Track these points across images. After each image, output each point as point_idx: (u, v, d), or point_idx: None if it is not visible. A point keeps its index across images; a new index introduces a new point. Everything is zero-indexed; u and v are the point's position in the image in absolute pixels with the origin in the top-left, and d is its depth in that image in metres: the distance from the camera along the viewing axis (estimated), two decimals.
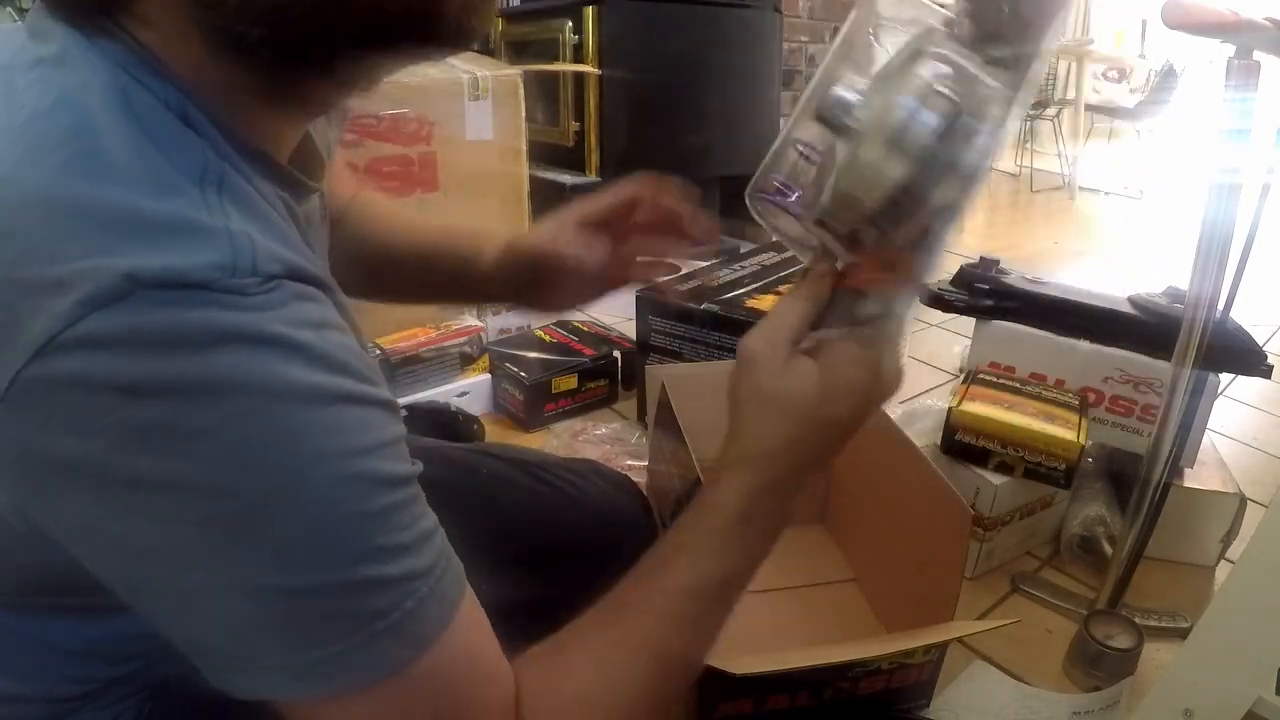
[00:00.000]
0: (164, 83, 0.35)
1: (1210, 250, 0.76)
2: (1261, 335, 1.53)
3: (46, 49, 0.35)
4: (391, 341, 1.34)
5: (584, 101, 2.12)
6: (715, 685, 0.68)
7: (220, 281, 0.31)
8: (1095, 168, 3.99)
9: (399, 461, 0.37)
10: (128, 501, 0.32)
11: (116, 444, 0.30)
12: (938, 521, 0.77)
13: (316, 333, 0.34)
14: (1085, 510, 1.04)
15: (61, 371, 0.30)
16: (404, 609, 0.35)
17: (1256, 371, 0.98)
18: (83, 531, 0.34)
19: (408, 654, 0.36)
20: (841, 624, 0.91)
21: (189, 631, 0.35)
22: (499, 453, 0.82)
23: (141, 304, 0.30)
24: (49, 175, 0.31)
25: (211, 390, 0.31)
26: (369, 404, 0.35)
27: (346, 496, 0.34)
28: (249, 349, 0.31)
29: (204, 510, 0.32)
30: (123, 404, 0.30)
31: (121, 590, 0.35)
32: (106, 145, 0.32)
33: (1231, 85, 0.71)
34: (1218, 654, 0.59)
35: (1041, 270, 1.43)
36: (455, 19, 0.36)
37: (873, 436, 0.93)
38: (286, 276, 0.34)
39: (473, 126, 1.48)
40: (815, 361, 0.44)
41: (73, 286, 0.30)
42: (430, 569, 0.37)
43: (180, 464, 0.31)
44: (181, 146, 0.34)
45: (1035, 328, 1.10)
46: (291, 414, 0.32)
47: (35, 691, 0.45)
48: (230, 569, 0.33)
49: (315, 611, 0.34)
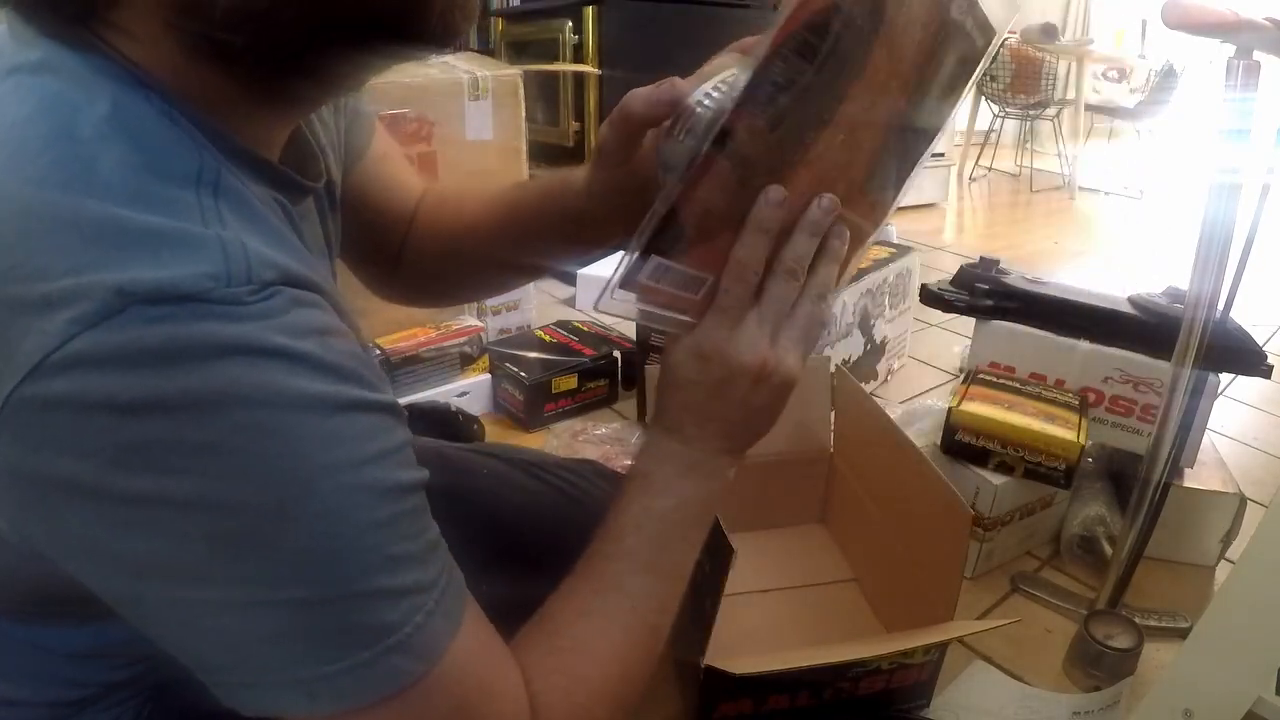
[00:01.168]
0: (148, 89, 0.34)
1: (1210, 250, 0.76)
2: (1261, 335, 1.54)
3: (25, 57, 0.34)
4: (391, 341, 1.33)
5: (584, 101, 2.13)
6: (715, 685, 0.68)
7: (214, 292, 0.30)
8: (1095, 168, 3.99)
9: (407, 468, 0.36)
10: (130, 520, 0.31)
11: (115, 463, 0.30)
12: (938, 521, 0.76)
13: (319, 340, 0.33)
14: (1085, 510, 1.04)
15: (55, 392, 0.29)
16: (414, 623, 0.35)
17: (1256, 371, 0.98)
18: (84, 550, 0.33)
19: (418, 668, 0.35)
20: (841, 624, 0.91)
21: (196, 648, 0.35)
22: (499, 453, 0.82)
23: (134, 320, 0.29)
24: (27, 188, 0.31)
25: (212, 405, 0.30)
26: (375, 410, 0.35)
27: (356, 506, 0.33)
28: (248, 360, 0.31)
29: (210, 526, 0.31)
30: (120, 423, 0.29)
31: (126, 608, 0.35)
32: (88, 154, 0.31)
33: (1231, 85, 0.71)
34: (1218, 654, 0.59)
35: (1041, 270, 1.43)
36: (440, 17, 0.36)
37: (873, 436, 0.93)
38: (283, 282, 0.33)
39: (473, 126, 1.48)
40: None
41: (62, 304, 0.29)
42: (436, 581, 0.37)
43: (183, 481, 0.30)
44: (175, 150, 0.34)
45: (1035, 328, 1.10)
46: (296, 425, 0.32)
47: (34, 696, 0.45)
48: (239, 585, 0.32)
49: (327, 626, 0.33)
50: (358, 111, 0.60)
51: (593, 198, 0.54)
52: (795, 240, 0.45)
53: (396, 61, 0.40)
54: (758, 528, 1.01)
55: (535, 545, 0.69)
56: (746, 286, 0.45)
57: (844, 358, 1.38)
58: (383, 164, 0.64)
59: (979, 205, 3.68)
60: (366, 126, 0.62)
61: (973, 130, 4.15)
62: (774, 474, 1.00)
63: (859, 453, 0.98)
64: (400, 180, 0.67)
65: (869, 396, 0.96)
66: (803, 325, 0.47)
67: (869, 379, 1.50)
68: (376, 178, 0.63)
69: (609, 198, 0.53)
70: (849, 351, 1.40)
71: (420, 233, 0.67)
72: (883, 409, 0.92)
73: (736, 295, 0.45)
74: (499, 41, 2.56)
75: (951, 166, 3.53)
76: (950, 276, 1.17)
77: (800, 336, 0.47)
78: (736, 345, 0.45)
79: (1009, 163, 4.23)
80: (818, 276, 0.47)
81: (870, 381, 1.50)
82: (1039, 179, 3.91)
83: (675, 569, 0.49)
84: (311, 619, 0.33)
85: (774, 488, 1.01)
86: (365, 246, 0.65)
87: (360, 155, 0.61)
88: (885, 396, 1.51)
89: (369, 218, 0.63)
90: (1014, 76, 3.69)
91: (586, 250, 0.60)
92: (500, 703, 0.39)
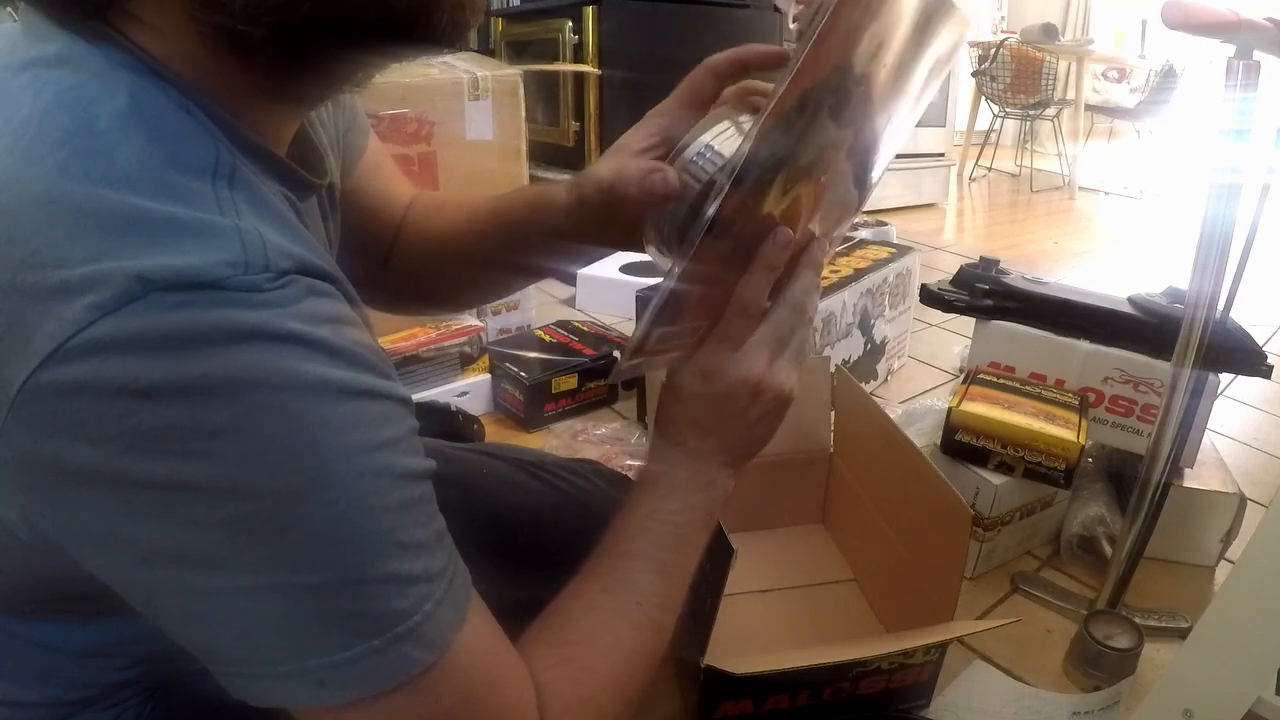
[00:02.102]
0: (165, 82, 0.34)
1: (1210, 250, 0.76)
2: (1261, 335, 1.54)
3: (41, 50, 0.34)
4: (391, 341, 1.33)
5: (584, 101, 2.13)
6: (715, 685, 0.68)
7: (233, 279, 0.31)
8: (1095, 168, 3.99)
9: (417, 456, 0.37)
10: (148, 505, 0.31)
11: (133, 447, 0.30)
12: (938, 521, 0.77)
13: (333, 328, 0.34)
14: (1085, 510, 1.04)
15: (73, 377, 0.29)
16: (424, 611, 0.35)
17: (1256, 371, 0.98)
18: (97, 538, 0.33)
19: (427, 657, 0.35)
20: (841, 624, 0.91)
21: (206, 638, 0.35)
22: (499, 453, 0.82)
23: (155, 306, 0.29)
24: (47, 178, 0.31)
25: (231, 389, 0.30)
26: (387, 398, 0.35)
27: (370, 490, 0.33)
28: (266, 346, 0.31)
29: (226, 511, 0.31)
30: (139, 407, 0.30)
31: (137, 598, 0.35)
32: (106, 146, 0.32)
33: (1231, 85, 0.71)
34: (1218, 654, 0.59)
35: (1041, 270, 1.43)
36: (450, 16, 0.37)
37: (873, 436, 0.93)
38: (299, 271, 0.33)
39: (473, 126, 1.48)
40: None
41: (82, 290, 0.29)
42: (445, 570, 0.37)
43: (202, 465, 0.31)
44: (192, 142, 0.34)
45: (1035, 328, 1.10)
46: (312, 409, 0.32)
47: (37, 696, 0.45)
48: (252, 570, 0.32)
49: (338, 612, 0.34)
50: (355, 116, 0.61)
51: (572, 219, 0.57)
52: (803, 277, 0.50)
53: (407, 57, 0.40)
54: (758, 528, 1.01)
55: (535, 545, 0.69)
56: (751, 320, 0.49)
57: (844, 358, 1.38)
58: (376, 170, 0.65)
59: (979, 205, 3.69)
60: (363, 131, 0.63)
61: (973, 130, 4.16)
62: (774, 474, 1.00)
63: (859, 453, 0.98)
64: (391, 186, 0.68)
65: (869, 396, 0.96)
66: (796, 347, 0.51)
67: (869, 379, 1.50)
68: (370, 182, 0.64)
69: (587, 221, 0.57)
70: (849, 351, 1.40)
71: (407, 238, 0.68)
72: (883, 409, 0.92)
73: (739, 326, 0.49)
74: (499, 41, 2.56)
75: (951, 166, 3.53)
76: (950, 276, 1.17)
77: (793, 357, 0.51)
78: (737, 365, 0.49)
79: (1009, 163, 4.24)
80: (809, 302, 0.51)
81: (870, 381, 1.50)
82: (1039, 179, 3.91)
83: (680, 570, 0.50)
84: (324, 605, 0.33)
85: (774, 488, 1.01)
86: (355, 251, 0.65)
87: (357, 159, 0.62)
88: (885, 396, 1.51)
89: (361, 222, 0.64)
90: (1014, 76, 3.69)
91: (570, 260, 0.65)
92: (506, 693, 0.40)
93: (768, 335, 0.49)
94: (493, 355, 1.40)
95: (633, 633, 0.46)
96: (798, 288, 0.50)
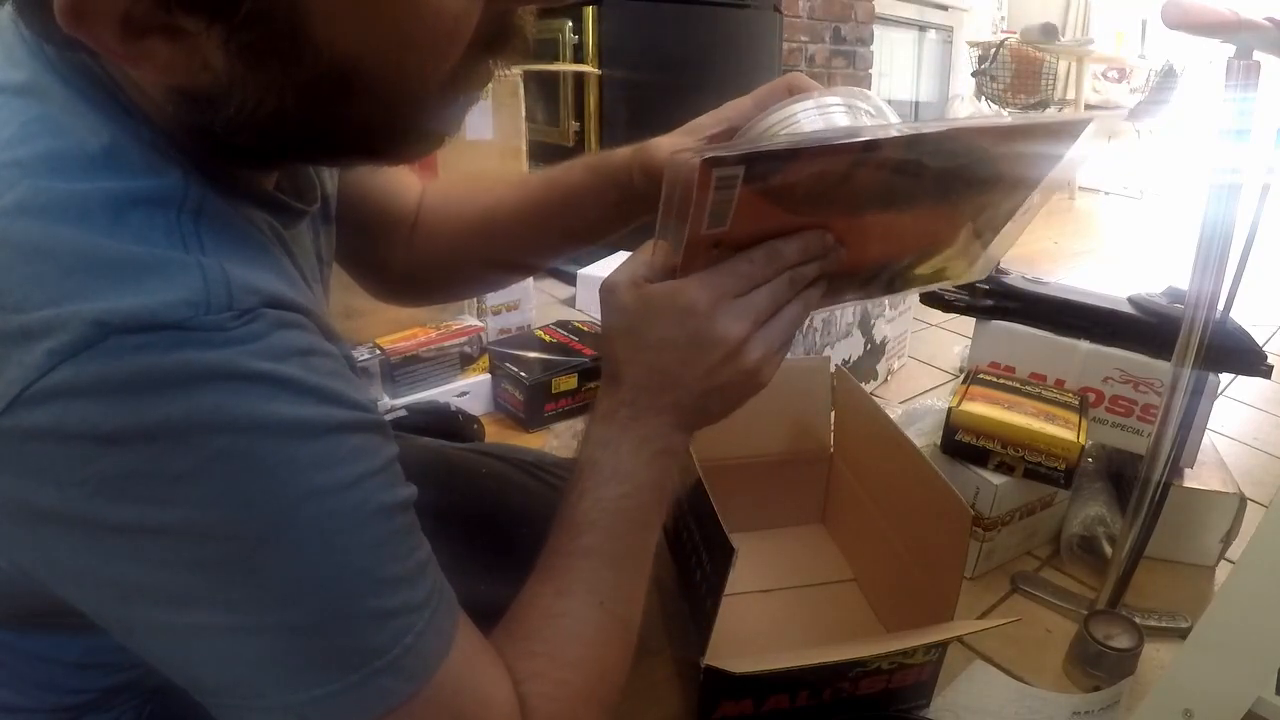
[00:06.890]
0: (137, 119, 0.34)
1: (1210, 250, 0.76)
2: (1261, 335, 1.54)
3: (8, 76, 0.33)
4: (391, 341, 1.33)
5: (584, 101, 2.13)
6: (715, 685, 0.68)
7: (194, 319, 0.30)
8: (1095, 168, 3.99)
9: (395, 486, 0.36)
10: (116, 548, 0.31)
11: (99, 492, 0.30)
12: (938, 521, 0.76)
13: (302, 361, 0.33)
14: (1085, 510, 1.04)
15: (36, 423, 0.29)
16: (403, 644, 0.35)
17: (1256, 371, 0.98)
18: (74, 577, 0.33)
19: (408, 688, 0.35)
20: (841, 624, 0.91)
21: (188, 671, 0.35)
22: (499, 453, 0.82)
23: (114, 350, 0.29)
24: (5, 215, 0.30)
25: (192, 433, 0.30)
26: (360, 430, 0.35)
27: (342, 531, 0.33)
28: (229, 387, 0.30)
29: (195, 553, 0.31)
30: (101, 452, 0.29)
31: (119, 631, 0.35)
32: (66, 182, 0.31)
33: (1231, 85, 0.71)
34: (1218, 654, 0.59)
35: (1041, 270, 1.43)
36: (421, 147, 0.40)
37: (873, 436, 0.93)
38: (266, 305, 0.33)
39: (473, 126, 1.48)
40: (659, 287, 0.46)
41: (41, 335, 0.29)
42: (426, 601, 0.37)
43: (167, 509, 0.30)
44: (158, 176, 0.33)
45: (1035, 328, 1.10)
46: (276, 451, 0.31)
47: (35, 703, 0.45)
48: (226, 610, 0.32)
49: (315, 650, 0.33)
50: None
51: (635, 175, 0.57)
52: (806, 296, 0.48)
53: (373, 165, 0.44)
54: (758, 528, 1.01)
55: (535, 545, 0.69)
56: (763, 272, 0.45)
57: (844, 358, 1.38)
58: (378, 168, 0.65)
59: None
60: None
61: None
62: (774, 474, 1.00)
63: (859, 453, 0.98)
64: (398, 180, 0.67)
65: (869, 396, 0.96)
66: (783, 326, 0.46)
67: (869, 379, 1.50)
68: (374, 181, 0.64)
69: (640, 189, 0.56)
70: (849, 351, 1.40)
71: (428, 230, 0.67)
72: (883, 409, 0.92)
73: (746, 272, 0.44)
74: None
75: None
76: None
77: (778, 336, 0.46)
78: (723, 312, 0.44)
79: None
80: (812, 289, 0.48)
81: (870, 381, 1.50)
82: None
83: (637, 558, 0.48)
84: (300, 644, 0.33)
85: (774, 488, 1.01)
86: (366, 251, 0.65)
87: None
88: (885, 396, 1.51)
89: (369, 222, 0.63)
90: (1014, 76, 3.69)
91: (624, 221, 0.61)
92: (494, 713, 0.40)
93: (761, 300, 0.45)
94: (493, 355, 1.40)
95: (599, 635, 0.45)
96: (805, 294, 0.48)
